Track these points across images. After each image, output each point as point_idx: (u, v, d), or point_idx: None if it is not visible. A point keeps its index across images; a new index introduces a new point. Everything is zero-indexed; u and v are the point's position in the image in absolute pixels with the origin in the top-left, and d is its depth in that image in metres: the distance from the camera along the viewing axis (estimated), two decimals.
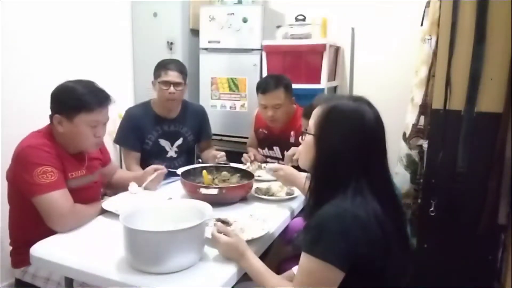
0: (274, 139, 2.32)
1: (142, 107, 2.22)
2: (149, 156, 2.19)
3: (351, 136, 1.00)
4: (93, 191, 1.66)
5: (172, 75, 2.09)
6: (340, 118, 1.03)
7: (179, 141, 2.25)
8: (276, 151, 2.32)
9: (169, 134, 2.22)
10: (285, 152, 2.22)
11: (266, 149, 2.38)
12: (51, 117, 1.51)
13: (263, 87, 2.20)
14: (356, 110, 1.03)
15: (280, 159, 2.30)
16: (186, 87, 2.20)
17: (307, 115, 1.74)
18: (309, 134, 1.09)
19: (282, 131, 2.28)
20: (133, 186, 1.72)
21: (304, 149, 1.12)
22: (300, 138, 1.75)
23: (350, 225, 0.92)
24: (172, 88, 2.08)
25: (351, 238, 0.91)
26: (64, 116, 1.48)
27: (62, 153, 1.51)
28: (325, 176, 1.04)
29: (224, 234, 1.18)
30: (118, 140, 2.21)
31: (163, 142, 2.21)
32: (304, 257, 0.96)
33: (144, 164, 2.16)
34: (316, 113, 1.09)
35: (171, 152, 2.24)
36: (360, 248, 0.92)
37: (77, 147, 1.56)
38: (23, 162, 1.42)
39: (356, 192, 0.97)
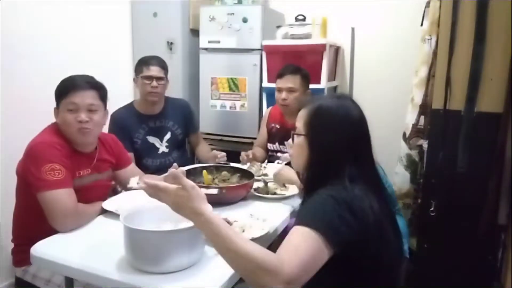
0: (286, 133, 2.33)
1: (125, 108, 2.26)
2: (140, 154, 2.22)
3: (340, 129, 1.06)
4: (100, 191, 1.65)
5: (154, 70, 2.17)
6: (328, 114, 1.08)
7: (168, 136, 2.29)
8: (288, 145, 2.33)
9: (156, 130, 2.26)
10: None
11: (277, 143, 2.39)
12: None
13: (281, 72, 2.27)
14: (341, 106, 1.09)
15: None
16: (168, 83, 2.27)
17: None
18: (300, 135, 1.12)
19: (295, 126, 2.29)
20: (133, 180, 1.71)
21: (296, 151, 1.15)
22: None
23: (342, 206, 0.94)
24: (154, 82, 2.15)
25: (343, 218, 0.93)
26: (57, 108, 1.53)
27: (72, 151, 1.52)
28: (321, 170, 1.07)
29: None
30: None
31: (152, 139, 2.25)
32: (292, 230, 0.94)
33: (137, 163, 2.19)
34: (303, 114, 1.13)
35: (162, 148, 2.28)
36: (352, 231, 0.92)
37: (73, 139, 1.54)
38: (33, 156, 1.43)
39: (351, 179, 1.01)
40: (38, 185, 1.39)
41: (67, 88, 1.51)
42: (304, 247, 0.88)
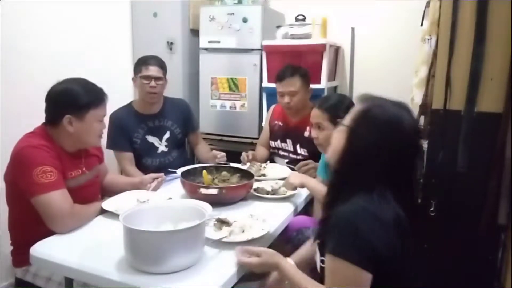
0: (288, 131, 2.34)
1: (124, 108, 2.28)
2: (140, 154, 2.23)
3: (385, 138, 1.00)
4: (93, 189, 1.66)
5: (153, 70, 2.18)
6: (378, 118, 1.02)
7: (167, 135, 2.30)
8: (289, 144, 2.33)
9: (155, 129, 2.27)
10: (297, 145, 2.25)
11: (279, 141, 2.38)
12: (53, 118, 1.52)
13: (280, 75, 2.26)
14: (396, 115, 1.02)
15: (291, 152, 2.32)
16: (167, 82, 2.27)
17: (322, 106, 1.75)
18: (344, 125, 1.07)
19: (298, 124, 2.31)
20: (141, 194, 1.70)
21: (335, 139, 1.10)
22: (313, 131, 1.77)
23: (373, 227, 0.92)
24: (153, 82, 2.16)
25: (374, 239, 0.91)
26: (75, 116, 1.50)
27: (60, 153, 1.51)
28: (351, 172, 1.03)
29: (250, 254, 1.16)
30: (109, 144, 2.24)
31: (151, 138, 2.26)
32: (329, 259, 0.95)
33: (137, 163, 2.21)
34: (355, 108, 1.08)
35: (162, 147, 2.29)
36: (381, 250, 0.91)
37: (82, 144, 1.57)
38: (22, 162, 1.41)
39: (381, 196, 0.96)
40: (31, 190, 1.37)
41: (98, 100, 1.54)
42: (341, 282, 0.92)
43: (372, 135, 1.00)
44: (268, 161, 2.30)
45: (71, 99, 1.51)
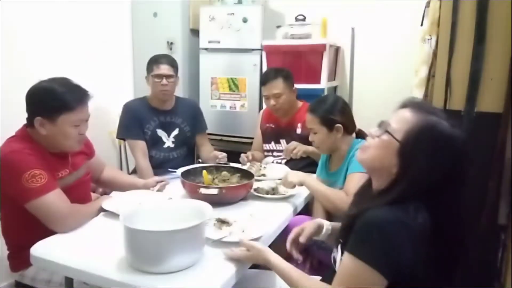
0: (281, 132, 2.37)
1: (139, 100, 2.35)
2: (147, 145, 2.28)
3: (440, 162, 0.95)
4: (83, 188, 1.62)
5: (164, 69, 2.24)
6: (436, 141, 0.96)
7: (175, 132, 2.35)
8: (283, 144, 2.35)
9: (165, 124, 2.32)
10: None
11: (273, 143, 2.41)
12: (29, 119, 1.45)
13: (263, 79, 2.33)
14: (453, 137, 0.98)
15: None
16: (178, 79, 2.33)
17: (312, 111, 1.76)
18: (395, 138, 0.99)
19: (289, 123, 2.35)
20: (141, 194, 1.69)
21: (376, 148, 1.03)
22: (310, 136, 1.78)
23: (404, 241, 0.89)
24: (164, 81, 2.22)
25: (400, 249, 0.89)
26: (46, 118, 1.41)
27: (44, 153, 1.45)
28: (394, 186, 0.98)
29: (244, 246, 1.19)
30: (122, 133, 2.29)
31: (160, 133, 2.31)
32: (347, 257, 0.93)
33: None
34: (408, 119, 1.00)
35: (168, 143, 2.33)
36: (405, 264, 0.89)
37: (61, 148, 1.50)
38: (8, 169, 1.36)
39: (417, 208, 0.92)
40: (24, 196, 1.34)
41: (72, 104, 1.42)
42: (353, 281, 0.91)
43: (427, 159, 0.94)
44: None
45: (43, 100, 1.42)
